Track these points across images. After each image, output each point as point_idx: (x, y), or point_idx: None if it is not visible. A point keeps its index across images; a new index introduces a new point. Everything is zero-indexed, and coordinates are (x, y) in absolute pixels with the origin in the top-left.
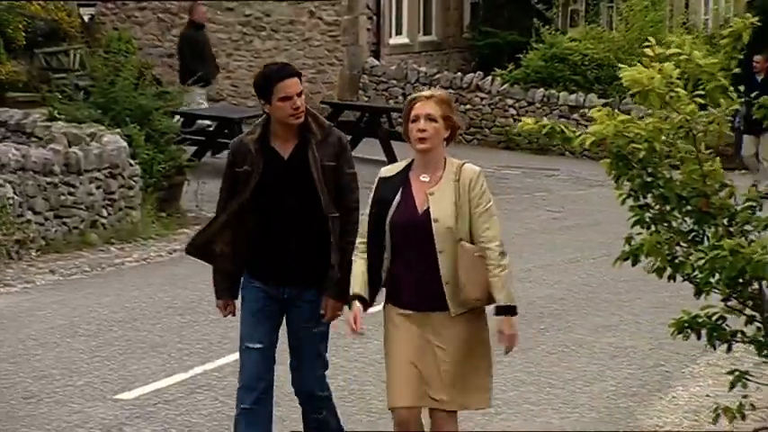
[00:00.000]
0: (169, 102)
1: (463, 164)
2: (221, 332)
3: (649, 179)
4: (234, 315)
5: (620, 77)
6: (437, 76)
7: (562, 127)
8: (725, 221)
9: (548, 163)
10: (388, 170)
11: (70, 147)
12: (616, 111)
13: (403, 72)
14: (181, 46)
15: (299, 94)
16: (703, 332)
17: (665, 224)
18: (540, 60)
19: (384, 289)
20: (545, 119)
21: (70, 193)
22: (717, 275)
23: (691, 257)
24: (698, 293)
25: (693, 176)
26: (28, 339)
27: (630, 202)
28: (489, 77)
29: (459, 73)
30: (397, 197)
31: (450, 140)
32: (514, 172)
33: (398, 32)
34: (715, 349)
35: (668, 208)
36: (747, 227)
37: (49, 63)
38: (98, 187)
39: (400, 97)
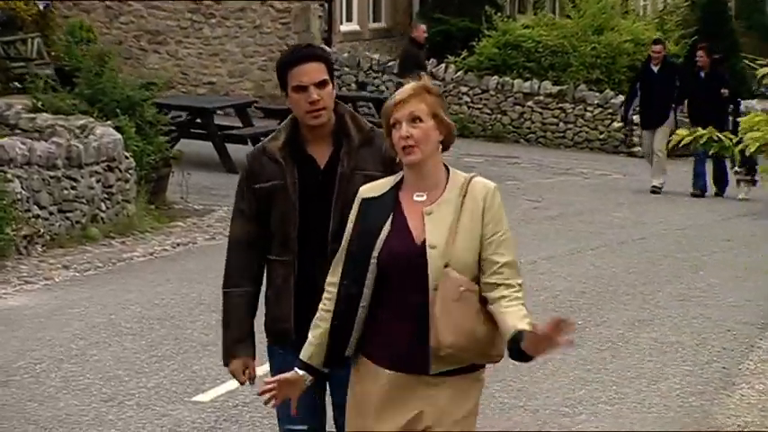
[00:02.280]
0: (156, 92)
1: (472, 177)
2: (257, 329)
3: None
4: (252, 383)
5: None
6: (390, 63)
7: (720, 136)
8: None
9: (505, 150)
10: (370, 189)
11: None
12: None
13: (355, 59)
14: (402, 61)
15: (321, 85)
16: None
17: None
18: (493, 48)
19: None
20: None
21: (72, 188)
22: None
23: None
24: None
25: None
26: (76, 339)
27: None
28: (443, 65)
29: None
30: (387, 225)
31: (447, 145)
32: (477, 160)
33: (349, 19)
34: None
35: None
36: None
37: (7, 52)
38: (98, 181)
39: (353, 85)
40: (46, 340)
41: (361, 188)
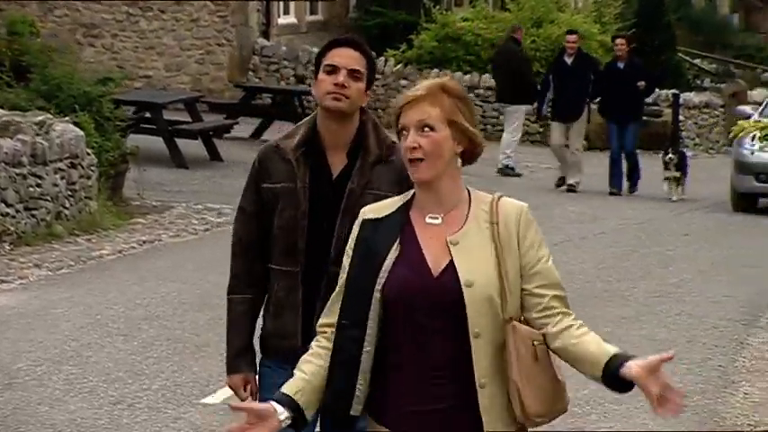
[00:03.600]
0: (113, 88)
1: (499, 198)
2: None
3: None
4: (254, 398)
5: None
6: None
7: None
8: None
9: None
10: (374, 209)
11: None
12: None
13: (294, 52)
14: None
15: (353, 74)
16: None
17: None
18: (432, 41)
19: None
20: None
21: (38, 185)
22: None
23: None
24: None
25: None
26: (68, 340)
27: None
28: (382, 58)
29: None
30: (393, 250)
31: (469, 159)
32: None
33: (286, 12)
34: None
35: None
36: None
37: None
38: (62, 178)
39: (292, 78)
40: (38, 342)
41: (363, 209)
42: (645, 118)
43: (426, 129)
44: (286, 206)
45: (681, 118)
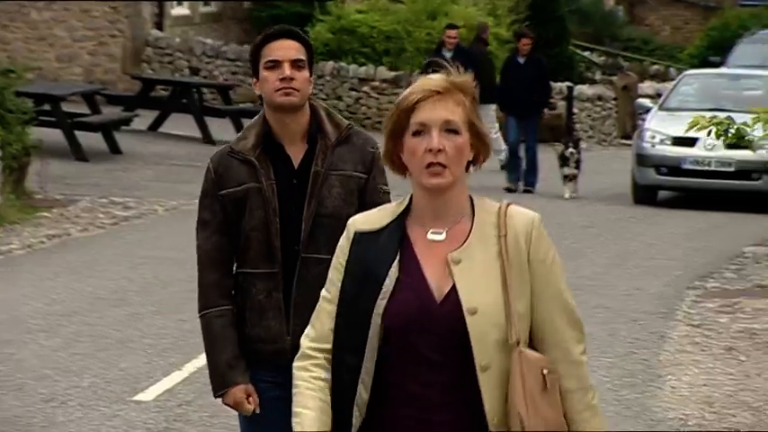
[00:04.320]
0: (16, 80)
1: (508, 206)
2: (173, 325)
3: None
4: (259, 410)
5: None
6: (224, 48)
7: (739, 126)
8: None
9: None
10: (366, 220)
11: None
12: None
13: (188, 44)
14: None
15: (296, 65)
16: None
17: None
18: (327, 32)
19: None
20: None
21: None
22: None
23: None
24: None
25: None
26: None
27: None
28: None
29: (247, 45)
30: (392, 271)
31: (476, 164)
32: None
33: (179, 3)
34: None
35: None
36: None
37: None
38: None
39: (186, 70)
40: None
41: (352, 218)
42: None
43: (452, 132)
44: (255, 207)
45: (574, 110)
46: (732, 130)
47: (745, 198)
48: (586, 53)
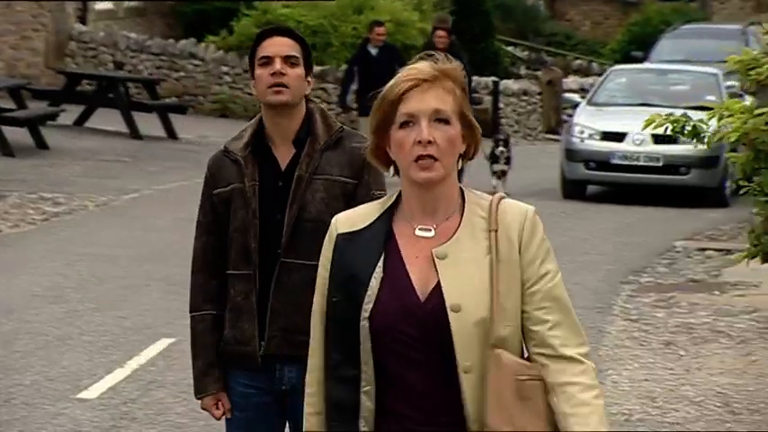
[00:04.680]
0: None
1: (500, 200)
2: (112, 322)
3: None
4: (229, 415)
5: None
6: (148, 42)
7: (695, 123)
8: None
9: None
10: (348, 219)
11: None
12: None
13: (112, 38)
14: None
15: (289, 61)
16: None
17: None
18: (253, 27)
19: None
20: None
21: None
22: None
23: None
24: None
25: None
26: None
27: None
28: (203, 44)
29: (172, 39)
30: (377, 272)
31: (466, 158)
32: None
33: None
34: None
35: None
36: None
37: None
38: None
39: (110, 64)
40: None
41: (335, 218)
42: None
43: (442, 122)
44: (238, 207)
45: (500, 105)
46: (689, 127)
47: (674, 192)
48: (510, 48)
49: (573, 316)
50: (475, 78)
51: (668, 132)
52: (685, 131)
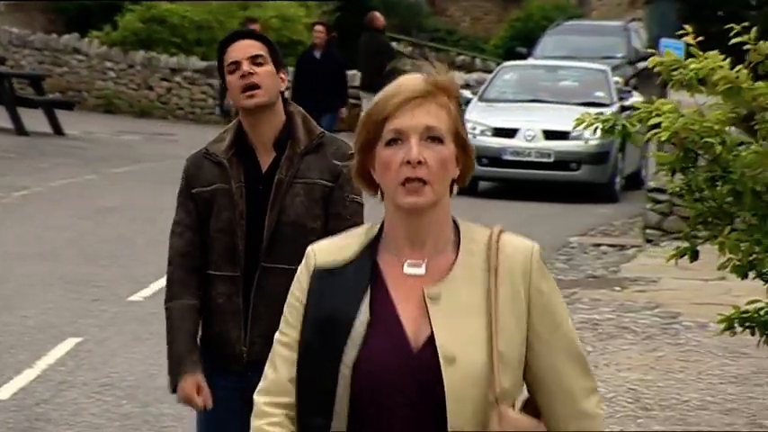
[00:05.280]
0: None
1: (500, 234)
2: (17, 321)
3: (723, 173)
4: (210, 404)
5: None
6: (31, 37)
7: (625, 123)
8: None
9: (158, 127)
10: (327, 250)
11: None
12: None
13: None
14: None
15: (255, 60)
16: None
17: (725, 219)
18: (138, 22)
19: None
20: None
21: None
22: None
23: None
24: None
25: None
26: None
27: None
28: (86, 40)
29: (55, 34)
30: (362, 315)
31: (461, 183)
32: (134, 137)
33: None
34: None
35: (729, 204)
36: None
37: None
38: None
39: None
40: None
41: (311, 247)
42: (351, 101)
43: (434, 140)
44: (222, 208)
45: None
46: (618, 127)
47: (565, 188)
48: (394, 44)
49: (585, 361)
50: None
51: (598, 132)
52: (615, 131)
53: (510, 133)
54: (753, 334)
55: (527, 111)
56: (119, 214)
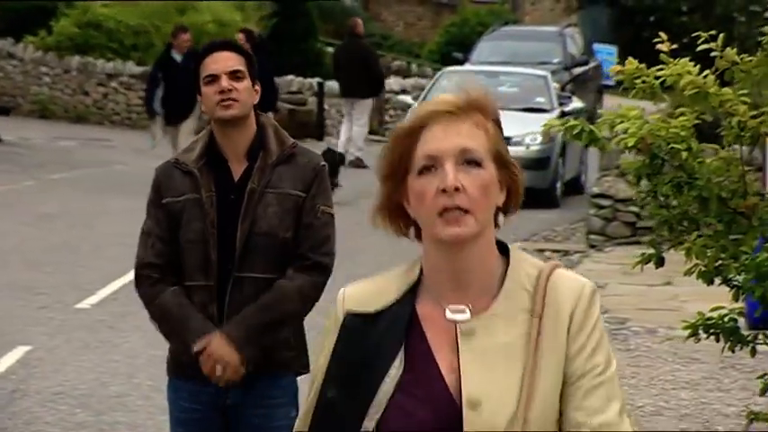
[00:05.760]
0: None
1: (552, 271)
2: None
3: (689, 180)
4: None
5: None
6: None
7: (592, 128)
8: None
9: (94, 132)
10: (361, 295)
11: None
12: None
13: None
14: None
15: (235, 75)
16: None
17: (690, 225)
18: (73, 27)
19: None
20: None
21: None
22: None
23: (734, 261)
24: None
25: (734, 176)
26: None
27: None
28: (21, 45)
29: None
30: (395, 367)
31: (508, 210)
32: (70, 143)
33: None
34: (733, 353)
35: (695, 210)
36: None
37: None
38: None
39: None
40: None
41: (343, 291)
42: (290, 107)
43: (472, 164)
44: (192, 218)
45: (325, 107)
46: (585, 133)
47: None
48: (329, 49)
49: (622, 421)
50: (299, 80)
51: (564, 137)
52: (582, 136)
53: None
54: (717, 341)
55: None
56: (59, 220)
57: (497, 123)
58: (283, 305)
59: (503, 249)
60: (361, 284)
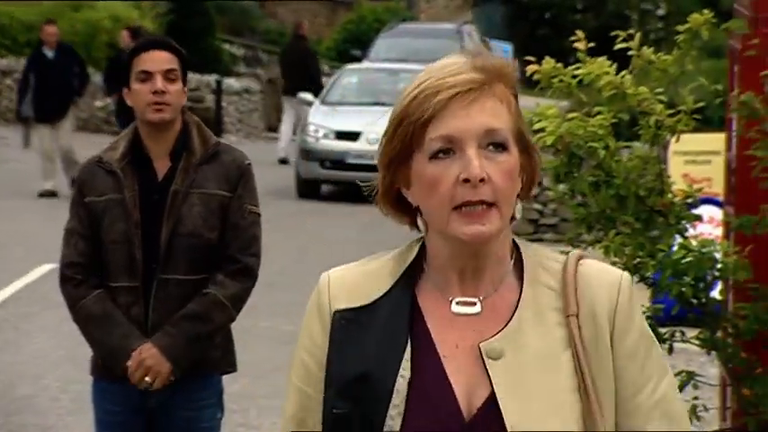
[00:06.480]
0: None
1: (578, 261)
2: None
3: (607, 178)
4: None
5: None
6: None
7: None
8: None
9: None
10: (350, 283)
11: None
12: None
13: None
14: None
15: (169, 76)
16: None
17: (608, 224)
18: None
19: None
20: None
21: None
22: (685, 277)
23: (651, 258)
24: (654, 296)
25: (651, 175)
26: None
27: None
28: None
29: None
30: (401, 374)
31: (524, 196)
32: None
33: None
34: None
35: (612, 208)
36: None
37: None
38: None
39: None
40: None
41: (325, 277)
42: (188, 104)
43: (497, 147)
44: (116, 219)
45: (223, 104)
46: None
47: None
48: (226, 45)
49: (686, 422)
50: (197, 77)
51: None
52: None
53: (353, 136)
54: None
55: (369, 114)
56: None
57: (516, 97)
58: (215, 315)
59: None
60: (344, 270)
